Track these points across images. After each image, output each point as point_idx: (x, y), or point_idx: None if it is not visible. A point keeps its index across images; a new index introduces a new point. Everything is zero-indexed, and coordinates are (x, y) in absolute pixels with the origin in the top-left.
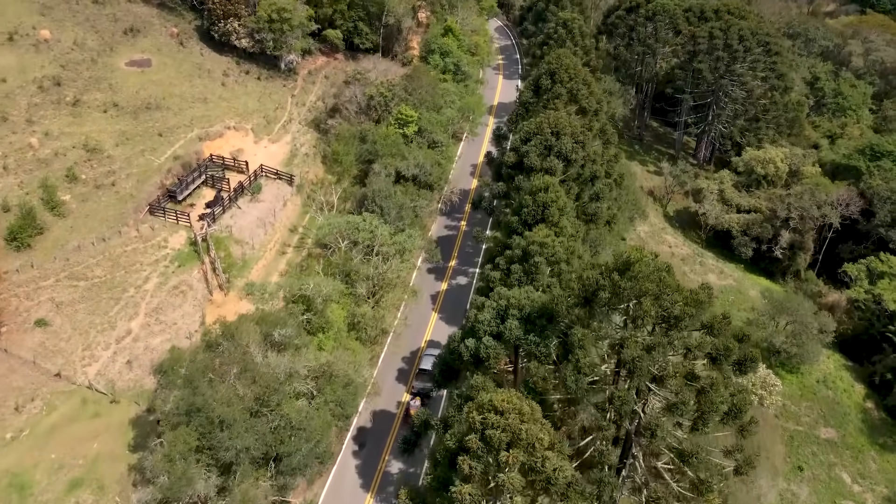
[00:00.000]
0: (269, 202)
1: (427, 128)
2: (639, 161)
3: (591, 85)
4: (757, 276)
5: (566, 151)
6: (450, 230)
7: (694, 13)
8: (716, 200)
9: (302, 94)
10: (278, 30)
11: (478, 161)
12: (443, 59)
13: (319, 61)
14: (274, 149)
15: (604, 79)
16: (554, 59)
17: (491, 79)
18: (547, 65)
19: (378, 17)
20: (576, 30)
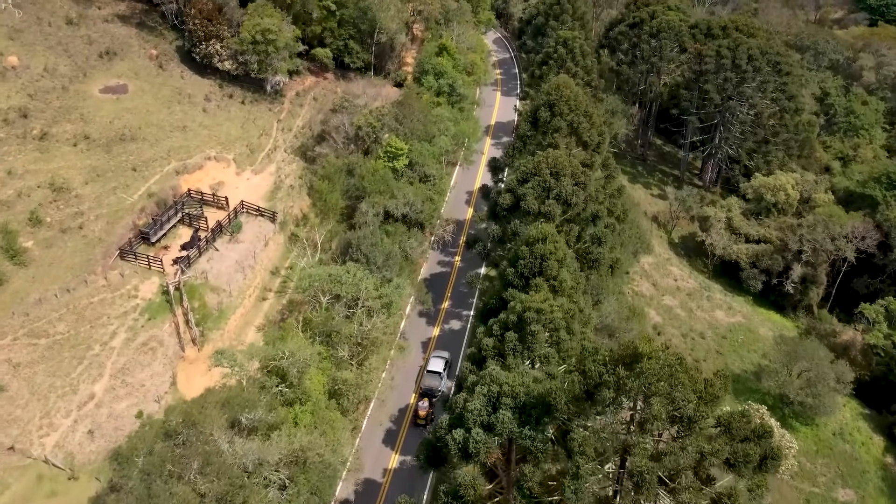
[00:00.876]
0: (249, 242)
1: (418, 160)
2: (642, 184)
3: (593, 116)
4: (767, 310)
5: (566, 195)
6: (443, 266)
7: (700, 30)
8: (723, 229)
9: (289, 118)
10: (263, 51)
11: (473, 188)
12: (437, 80)
13: (308, 82)
14: (257, 181)
15: (606, 98)
16: (553, 90)
17: (488, 96)
18: (546, 95)
19: (370, 34)
20: (576, 49)
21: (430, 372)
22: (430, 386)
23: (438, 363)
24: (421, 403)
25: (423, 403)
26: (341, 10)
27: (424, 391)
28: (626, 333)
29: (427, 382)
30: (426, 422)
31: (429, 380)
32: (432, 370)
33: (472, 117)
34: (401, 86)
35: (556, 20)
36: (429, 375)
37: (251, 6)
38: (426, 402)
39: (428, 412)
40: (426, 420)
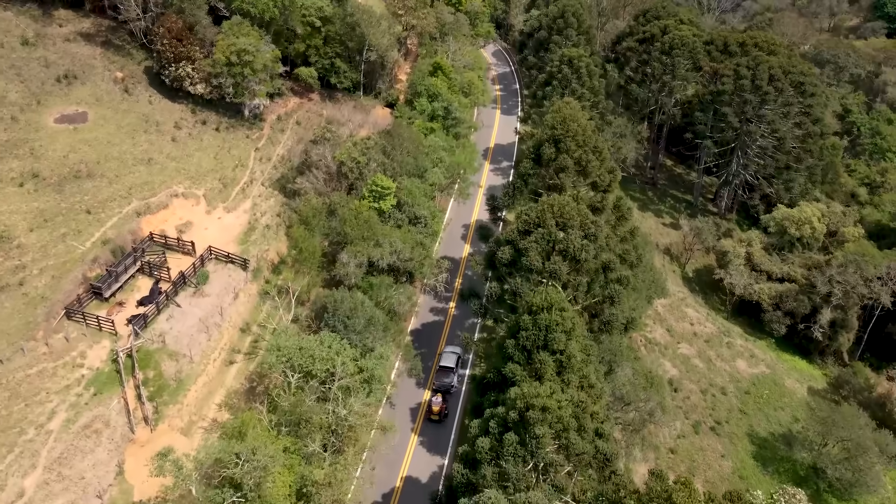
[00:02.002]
0: (216, 295)
1: (407, 200)
2: (653, 211)
3: (603, 152)
4: (791, 355)
5: (574, 250)
6: (436, 314)
7: (716, 47)
8: (742, 266)
9: (268, 145)
10: (239, 74)
11: (471, 220)
12: (430, 103)
13: (291, 103)
14: (229, 220)
15: (614, 120)
16: (559, 124)
17: (487, 115)
18: (551, 130)
19: (358, 51)
20: (583, 69)
21: (442, 367)
22: (444, 381)
23: (451, 358)
24: (435, 399)
25: (437, 399)
26: (327, 27)
27: (438, 387)
28: (644, 404)
29: (440, 378)
30: (440, 417)
31: (442, 376)
32: (445, 366)
33: (468, 144)
34: (392, 106)
35: (560, 34)
36: (441, 371)
37: (226, 24)
38: (440, 397)
39: (441, 407)
40: (440, 415)
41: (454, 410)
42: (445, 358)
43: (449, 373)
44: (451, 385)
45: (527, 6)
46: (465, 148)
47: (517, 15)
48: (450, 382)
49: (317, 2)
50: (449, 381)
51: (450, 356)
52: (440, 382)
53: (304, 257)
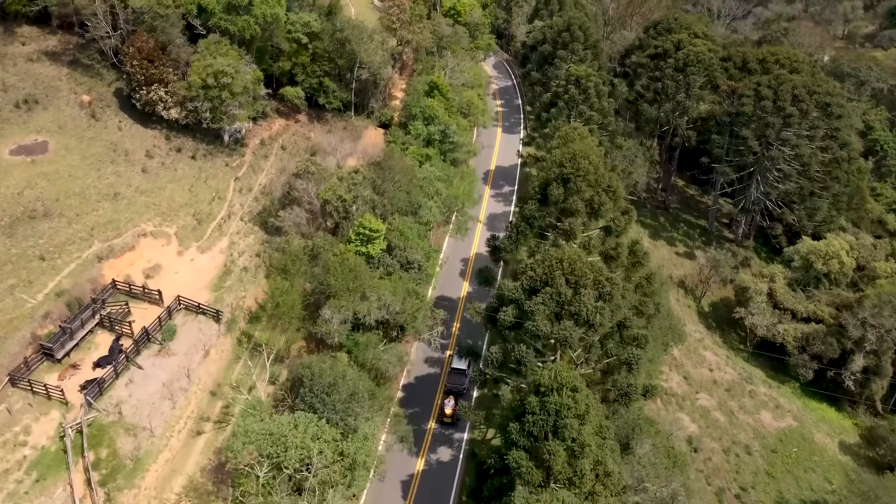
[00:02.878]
0: (184, 354)
1: (399, 243)
2: (665, 239)
3: (618, 191)
4: (818, 402)
5: (587, 314)
6: (431, 365)
7: (734, 63)
8: (764, 303)
9: (249, 174)
10: (216, 97)
11: (470, 254)
12: (426, 126)
13: (276, 126)
14: (203, 261)
15: (625, 143)
16: (568, 161)
17: (488, 133)
18: (559, 167)
19: (349, 69)
20: (591, 89)
21: (454, 370)
22: (456, 384)
23: (462, 361)
24: (447, 401)
25: (450, 401)
26: (314, 44)
27: (450, 388)
28: (665, 488)
29: (452, 381)
30: (452, 420)
31: (454, 378)
32: (457, 368)
33: (468, 171)
34: (386, 126)
35: (565, 49)
36: (453, 373)
37: (202, 43)
38: (452, 399)
39: (454, 410)
40: (452, 418)
41: None
42: (457, 360)
43: (461, 375)
44: (463, 388)
45: (529, 16)
46: (463, 176)
47: (519, 25)
48: (462, 385)
49: (303, 17)
50: (462, 383)
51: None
52: (453, 384)
53: (283, 312)
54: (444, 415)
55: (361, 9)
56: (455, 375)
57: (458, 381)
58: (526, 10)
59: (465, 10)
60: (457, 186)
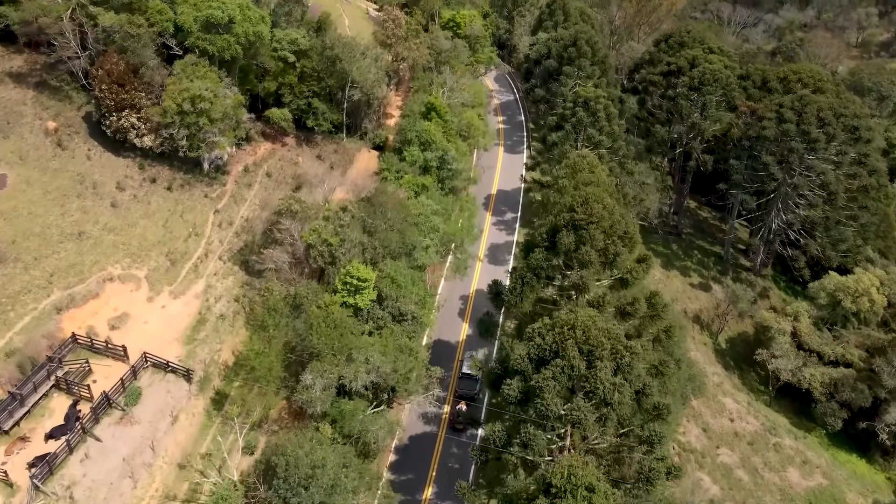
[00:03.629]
0: (149, 421)
1: (390, 293)
2: (678, 269)
3: (634, 237)
4: (848, 452)
5: (603, 392)
6: (426, 423)
7: (754, 82)
8: (788, 345)
9: (231, 205)
10: (193, 124)
11: (470, 291)
12: (423, 152)
13: (261, 150)
14: (176, 308)
15: (636, 168)
16: (580, 205)
17: (490, 153)
18: (569, 212)
19: (341, 88)
20: (600, 112)
21: (465, 375)
22: (467, 389)
23: None
24: (459, 408)
25: (462, 408)
26: (302, 62)
27: (461, 395)
28: None
29: (463, 386)
30: (463, 427)
31: (465, 383)
32: (468, 373)
33: (467, 200)
34: (380, 148)
35: (572, 65)
36: (464, 379)
37: (178, 64)
38: (464, 406)
39: None
40: (463, 426)
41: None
42: (467, 365)
43: (472, 380)
44: (475, 393)
45: (533, 27)
46: (463, 207)
47: (522, 36)
48: (474, 390)
49: (290, 33)
50: (472, 388)
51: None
52: (463, 390)
53: (259, 376)
54: (457, 421)
55: (356, 20)
56: (466, 381)
57: (468, 387)
58: (529, 20)
59: (464, 22)
60: (455, 220)
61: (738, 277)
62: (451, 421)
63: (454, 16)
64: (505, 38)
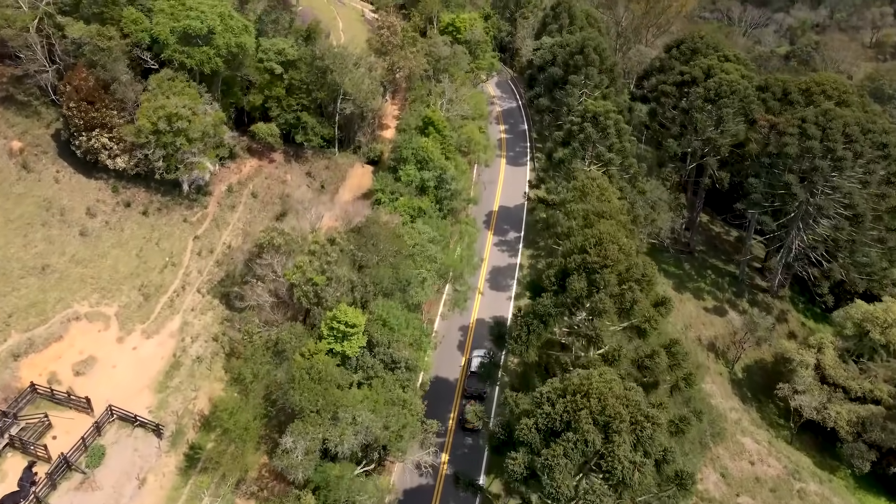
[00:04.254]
0: (112, 486)
1: (382, 338)
2: (691, 291)
3: (652, 278)
4: (876, 496)
5: (622, 472)
6: (422, 476)
7: (773, 94)
8: (812, 379)
9: (212, 230)
10: (170, 144)
11: (470, 321)
12: (419, 171)
13: (247, 167)
14: (148, 350)
15: (648, 187)
16: (592, 245)
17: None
18: (580, 253)
19: (332, 100)
20: (610, 128)
21: (473, 374)
22: (476, 388)
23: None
24: (469, 407)
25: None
26: (291, 74)
27: (470, 393)
28: None
29: (472, 385)
30: (475, 427)
31: (474, 382)
32: (476, 372)
33: (467, 224)
34: (375, 163)
35: (578, 73)
36: (473, 377)
37: (153, 79)
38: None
39: None
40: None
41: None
42: (476, 363)
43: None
44: (483, 391)
45: (536, 31)
46: (462, 233)
47: (525, 39)
48: (483, 389)
49: (277, 43)
50: (482, 386)
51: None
52: (473, 389)
53: (234, 436)
54: (467, 421)
55: (350, 23)
56: (475, 379)
57: (478, 386)
58: (532, 21)
59: (464, 26)
60: (454, 249)
61: (755, 300)
62: (461, 421)
63: (454, 19)
64: (507, 41)
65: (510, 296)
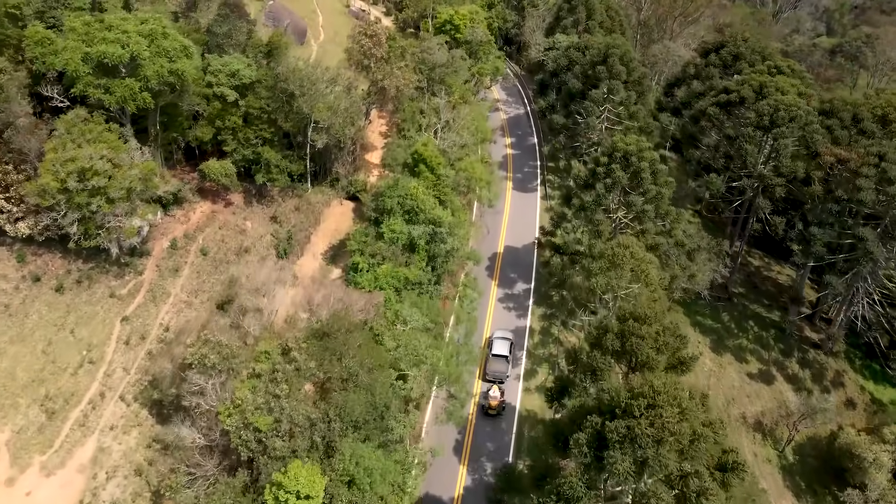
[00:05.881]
0: None
1: (354, 500)
2: (731, 351)
3: (740, 463)
4: None
5: None
6: None
7: (841, 120)
8: (888, 483)
9: (147, 306)
10: (84, 205)
11: (469, 411)
12: (407, 223)
13: (197, 214)
14: (46, 495)
15: (688, 240)
16: (642, 409)
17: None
18: (624, 417)
19: (301, 131)
20: (645, 171)
21: (495, 356)
22: (498, 371)
23: (504, 346)
24: (491, 393)
25: (494, 392)
26: (248, 100)
27: (492, 377)
28: None
29: (494, 367)
30: (497, 412)
31: (495, 364)
32: (498, 354)
33: (465, 299)
34: (356, 199)
35: (599, 85)
36: (495, 360)
37: (62, 122)
38: (497, 389)
39: (500, 401)
40: (498, 410)
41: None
42: (497, 345)
43: (503, 361)
44: (506, 374)
45: (549, 25)
46: (461, 313)
47: (534, 32)
48: (505, 372)
49: (230, 63)
50: (504, 369)
51: (502, 343)
52: (494, 372)
53: None
54: (490, 407)
55: (332, 17)
56: (496, 362)
57: (499, 369)
58: (542, 11)
59: (464, 24)
60: (449, 341)
61: (805, 359)
62: (483, 406)
63: (452, 16)
64: (514, 33)
65: (519, 373)
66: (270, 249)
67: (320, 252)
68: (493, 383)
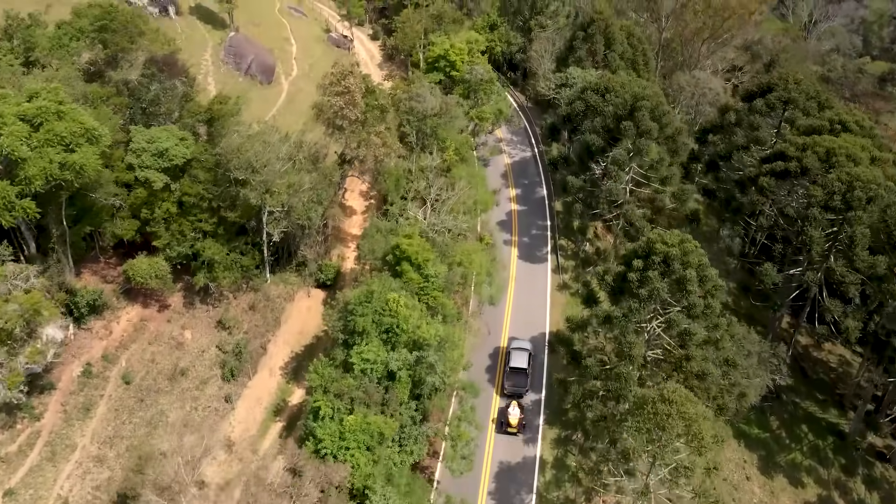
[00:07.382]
0: None
1: None
2: (784, 470)
3: None
4: None
5: None
6: None
7: None
8: None
9: (42, 468)
10: None
11: None
12: (386, 347)
13: (122, 324)
14: None
15: (741, 361)
16: None
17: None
18: None
19: (254, 218)
20: (691, 280)
21: (514, 369)
22: (517, 385)
23: (522, 357)
24: (511, 410)
25: (514, 410)
26: (182, 184)
27: (510, 392)
28: None
29: (512, 382)
30: (518, 430)
31: (514, 378)
32: (517, 367)
33: (459, 454)
34: (328, 286)
35: (623, 139)
36: (513, 374)
37: None
38: (517, 407)
39: (520, 419)
40: (518, 428)
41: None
42: (516, 357)
43: (522, 375)
44: (525, 389)
45: (561, 54)
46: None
47: (542, 58)
48: (524, 386)
49: (157, 139)
50: (523, 384)
51: (520, 354)
52: (513, 387)
53: None
54: (509, 425)
55: (308, 45)
56: (515, 376)
57: (519, 383)
58: (550, 32)
59: (460, 59)
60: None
61: (871, 476)
62: (501, 423)
63: (447, 51)
64: (519, 58)
65: None
66: (214, 369)
67: (279, 366)
68: (512, 398)
